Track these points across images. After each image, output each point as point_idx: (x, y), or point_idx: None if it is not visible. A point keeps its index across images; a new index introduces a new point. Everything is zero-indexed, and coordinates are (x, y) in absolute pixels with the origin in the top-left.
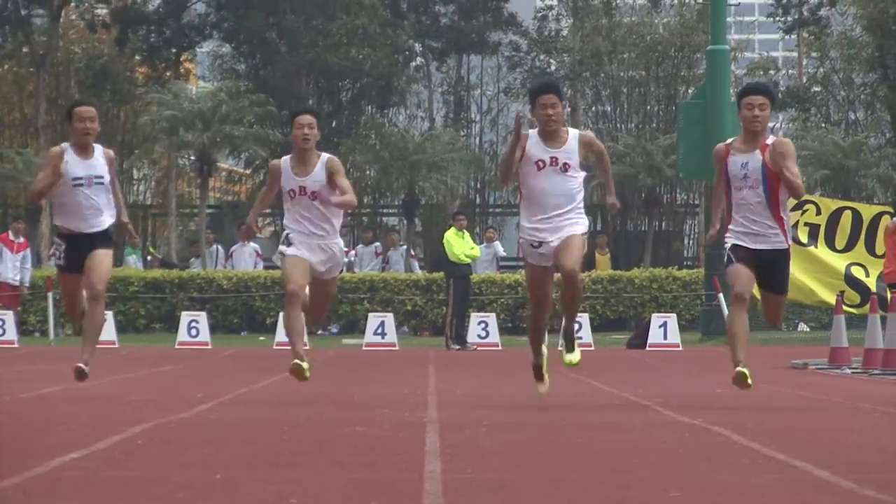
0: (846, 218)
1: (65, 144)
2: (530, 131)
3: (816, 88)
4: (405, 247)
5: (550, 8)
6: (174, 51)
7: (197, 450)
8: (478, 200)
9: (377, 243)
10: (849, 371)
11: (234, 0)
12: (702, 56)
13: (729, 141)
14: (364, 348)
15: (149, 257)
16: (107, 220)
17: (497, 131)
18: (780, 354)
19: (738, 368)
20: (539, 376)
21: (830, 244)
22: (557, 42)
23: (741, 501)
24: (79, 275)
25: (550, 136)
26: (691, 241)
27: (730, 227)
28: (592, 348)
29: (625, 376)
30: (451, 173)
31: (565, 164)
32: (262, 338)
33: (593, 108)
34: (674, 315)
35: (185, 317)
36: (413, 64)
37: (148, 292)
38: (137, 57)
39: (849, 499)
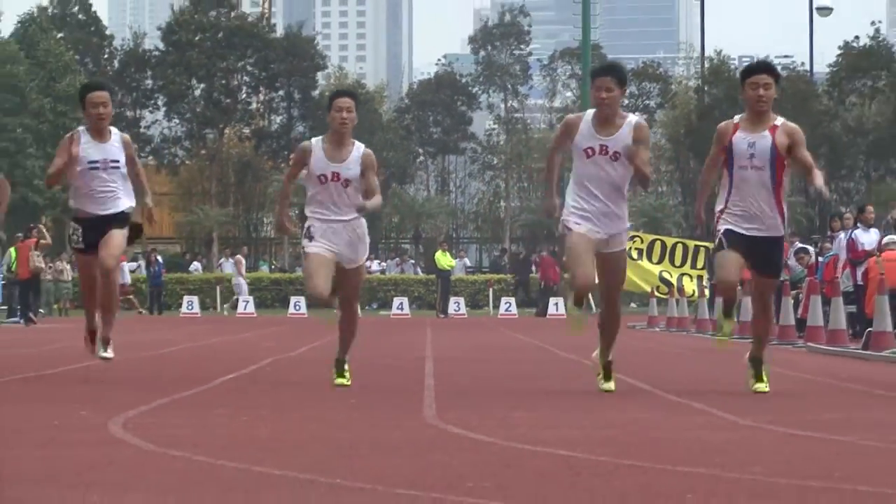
0: (657, 245)
1: (80, 129)
2: (587, 112)
3: None
4: (412, 261)
5: (493, 128)
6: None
7: (302, 371)
8: (453, 235)
9: (397, 258)
10: (658, 329)
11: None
12: None
13: (735, 119)
14: (391, 317)
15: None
16: (123, 203)
17: (466, 198)
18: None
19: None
20: (577, 321)
21: (650, 259)
22: (497, 147)
23: (604, 403)
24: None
25: (603, 121)
26: None
27: (726, 209)
28: (517, 316)
29: (532, 333)
30: (439, 220)
31: (615, 153)
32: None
33: (516, 188)
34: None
35: (293, 300)
36: (418, 160)
37: (271, 285)
38: (267, 157)
39: (675, 406)
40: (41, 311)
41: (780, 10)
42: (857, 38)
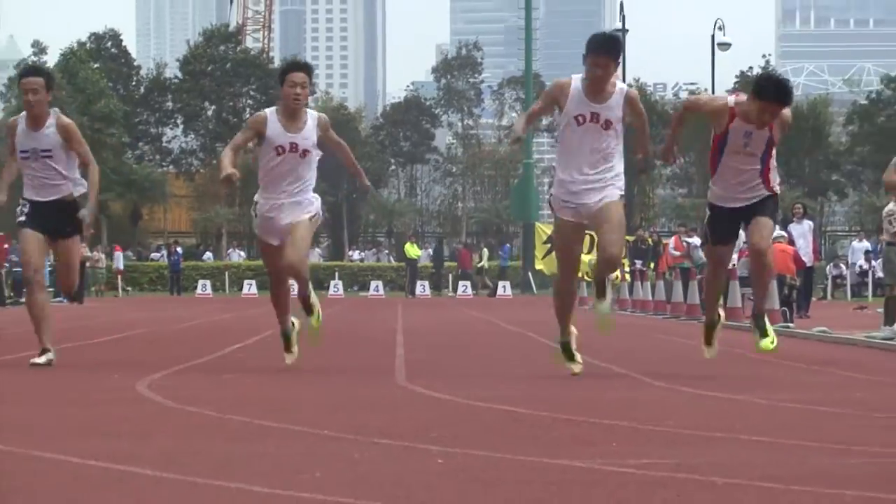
0: (587, 239)
1: (20, 116)
2: (573, 78)
3: None
4: (387, 251)
5: (452, 142)
6: None
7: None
8: (420, 230)
9: (374, 249)
10: (587, 308)
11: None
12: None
13: (736, 102)
14: (368, 297)
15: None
16: (63, 190)
17: (430, 200)
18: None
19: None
20: (569, 356)
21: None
22: (456, 158)
23: (543, 368)
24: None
25: (595, 90)
26: None
27: (711, 194)
28: (471, 296)
29: (485, 310)
30: (408, 218)
31: (607, 120)
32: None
33: (471, 191)
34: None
35: (332, 283)
36: (391, 168)
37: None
38: None
39: (602, 370)
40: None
41: (687, 45)
42: (750, 68)
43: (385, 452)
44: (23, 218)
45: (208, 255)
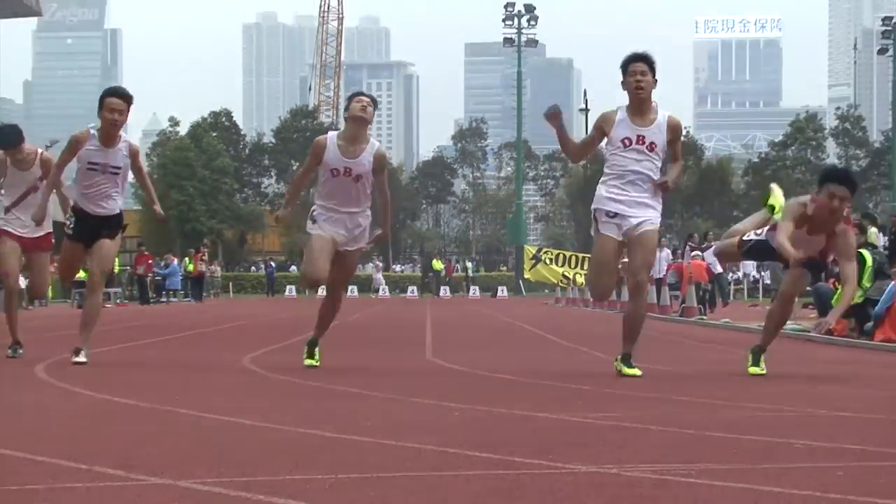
0: (560, 256)
1: (91, 129)
2: (618, 108)
3: None
4: (419, 265)
5: (466, 188)
6: None
7: (349, 332)
8: (442, 251)
9: (410, 264)
10: (560, 305)
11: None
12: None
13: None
14: (406, 297)
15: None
16: (116, 205)
17: (450, 229)
18: (539, 301)
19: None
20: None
21: (556, 264)
22: (468, 200)
23: (530, 348)
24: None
25: (639, 111)
26: None
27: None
28: (480, 297)
29: (490, 306)
30: (434, 242)
31: (651, 143)
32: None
33: (478, 224)
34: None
35: (381, 288)
36: (422, 206)
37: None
38: None
39: (567, 349)
40: (204, 294)
41: None
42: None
43: (417, 407)
44: (70, 231)
45: (293, 267)
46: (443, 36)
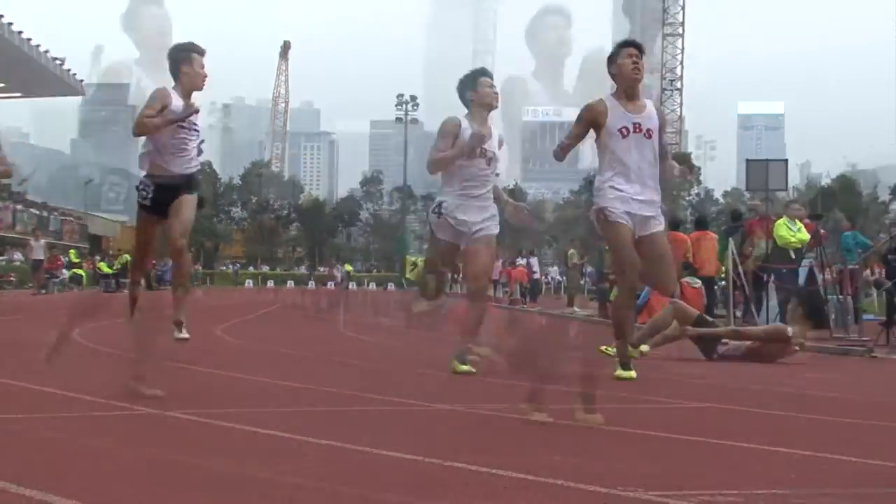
0: None
1: (171, 88)
2: (602, 98)
3: None
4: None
5: (367, 221)
6: None
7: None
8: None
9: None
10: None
11: None
12: None
13: None
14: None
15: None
16: (196, 165)
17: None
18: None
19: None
20: (626, 365)
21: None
22: (372, 227)
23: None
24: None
25: (630, 99)
26: None
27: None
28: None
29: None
30: (351, 254)
31: (648, 129)
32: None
33: None
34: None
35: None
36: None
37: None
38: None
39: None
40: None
41: None
42: None
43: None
44: (147, 202)
45: (251, 267)
46: (356, 114)
